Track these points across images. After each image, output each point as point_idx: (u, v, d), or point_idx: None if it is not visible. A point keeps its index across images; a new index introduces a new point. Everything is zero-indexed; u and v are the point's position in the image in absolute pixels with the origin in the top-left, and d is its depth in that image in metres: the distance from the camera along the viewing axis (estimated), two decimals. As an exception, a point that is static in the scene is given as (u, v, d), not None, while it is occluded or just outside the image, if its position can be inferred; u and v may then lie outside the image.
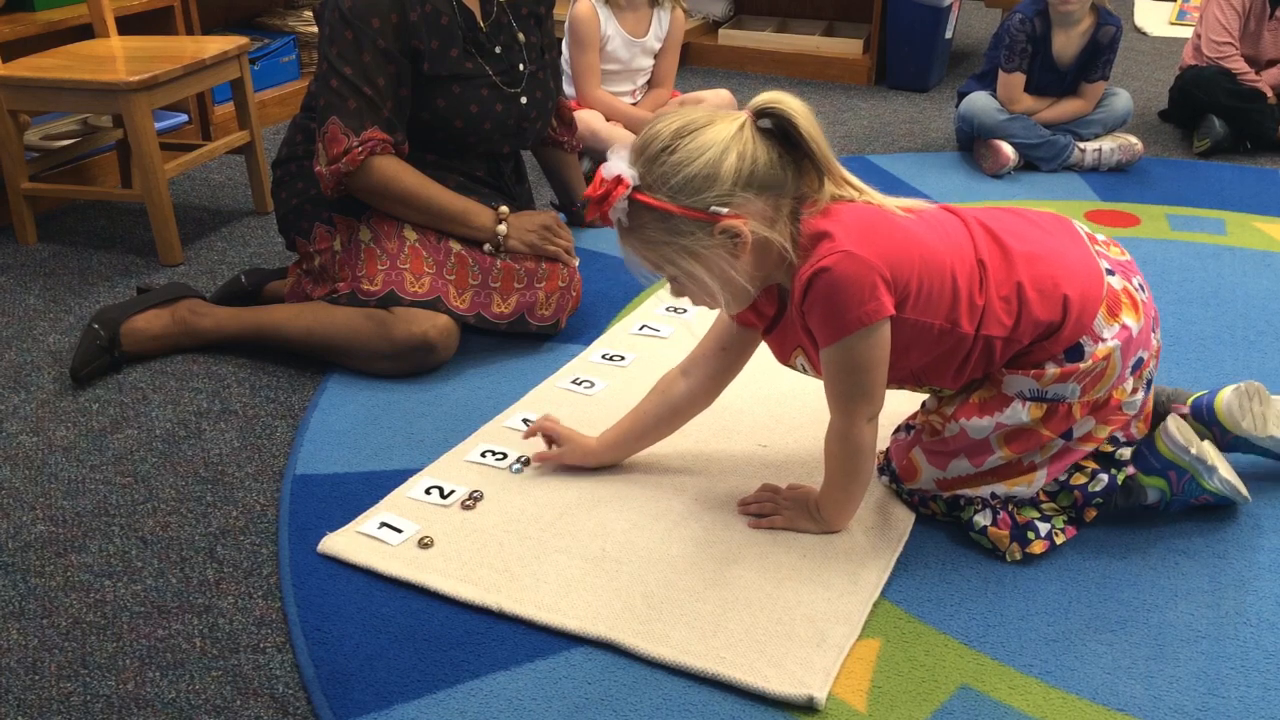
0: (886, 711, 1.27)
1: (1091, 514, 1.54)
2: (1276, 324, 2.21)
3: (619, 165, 1.35)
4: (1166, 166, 3.22)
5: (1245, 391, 1.64)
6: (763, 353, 1.60)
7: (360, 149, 1.93)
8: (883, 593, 1.45)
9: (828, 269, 1.34)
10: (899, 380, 1.51)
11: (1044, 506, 1.54)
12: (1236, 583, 1.48)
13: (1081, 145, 3.14)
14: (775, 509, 1.57)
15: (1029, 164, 3.15)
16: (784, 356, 1.56)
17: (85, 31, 2.75)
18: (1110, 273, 1.50)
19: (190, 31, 3.14)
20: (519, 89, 2.14)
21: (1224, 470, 1.54)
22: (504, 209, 2.06)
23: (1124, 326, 1.47)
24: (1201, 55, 3.44)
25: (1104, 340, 1.45)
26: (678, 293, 1.44)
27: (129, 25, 2.93)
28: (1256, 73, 3.39)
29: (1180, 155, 3.34)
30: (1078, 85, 3.13)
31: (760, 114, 1.34)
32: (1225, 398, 1.64)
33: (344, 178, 1.95)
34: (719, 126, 1.33)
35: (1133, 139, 3.17)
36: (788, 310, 1.47)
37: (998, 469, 1.52)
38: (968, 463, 1.52)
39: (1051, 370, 1.45)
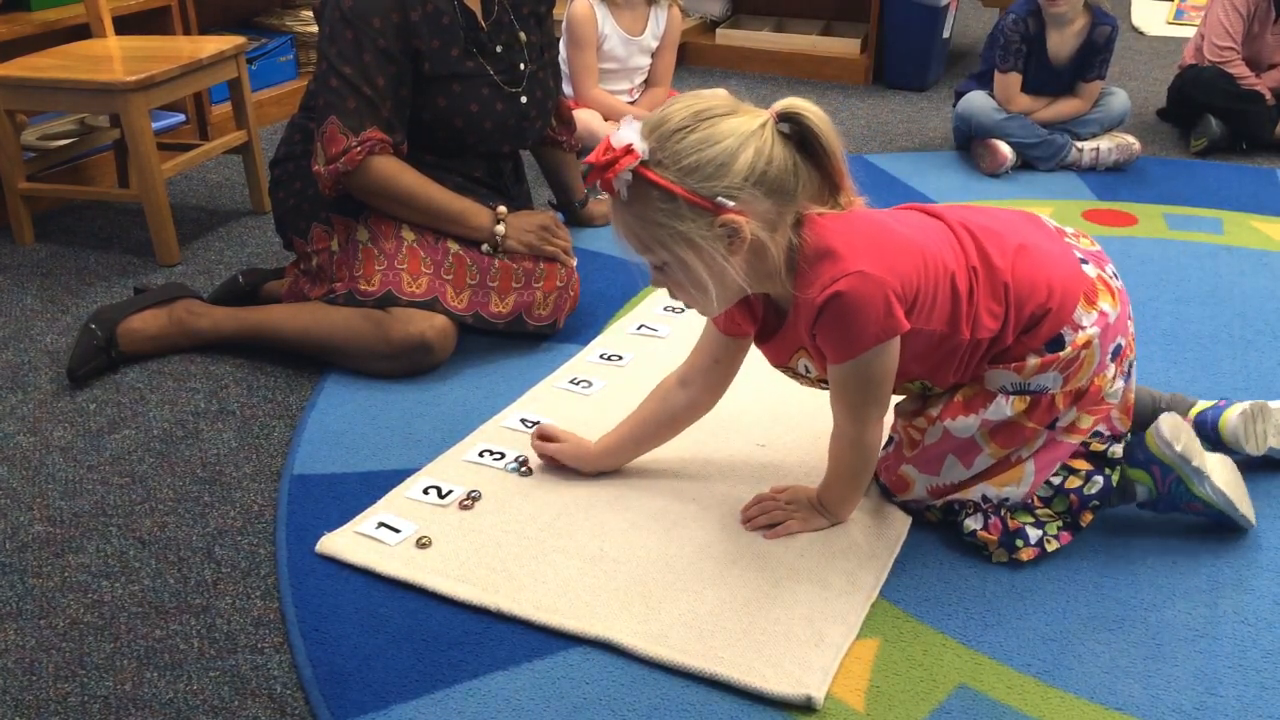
0: (885, 711, 1.27)
1: (1088, 518, 1.53)
2: (1274, 323, 2.21)
3: (630, 135, 1.28)
4: (1164, 166, 3.22)
5: (1250, 414, 1.65)
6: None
7: (359, 149, 1.93)
8: (881, 592, 1.45)
9: (842, 293, 1.32)
10: (896, 383, 1.51)
11: (1039, 512, 1.52)
12: (1234, 582, 1.48)
13: (1079, 144, 3.14)
14: (784, 515, 1.56)
15: (1026, 163, 3.15)
16: (782, 360, 1.54)
17: (82, 31, 2.75)
18: (1084, 262, 1.51)
19: (187, 31, 3.13)
20: (519, 88, 2.14)
21: (1219, 480, 1.51)
22: (502, 209, 2.06)
23: (1102, 313, 1.48)
24: (1202, 56, 3.44)
25: (1084, 328, 1.46)
26: (660, 283, 1.39)
27: (126, 25, 2.92)
28: (1257, 75, 3.39)
29: (1178, 154, 3.34)
30: (1074, 84, 3.13)
31: (783, 118, 1.31)
32: (1230, 421, 1.65)
33: (342, 177, 1.95)
34: (740, 119, 1.29)
35: (1130, 138, 3.17)
36: (787, 319, 1.45)
37: (988, 468, 1.52)
38: (959, 465, 1.51)
39: (1032, 362, 1.46)
